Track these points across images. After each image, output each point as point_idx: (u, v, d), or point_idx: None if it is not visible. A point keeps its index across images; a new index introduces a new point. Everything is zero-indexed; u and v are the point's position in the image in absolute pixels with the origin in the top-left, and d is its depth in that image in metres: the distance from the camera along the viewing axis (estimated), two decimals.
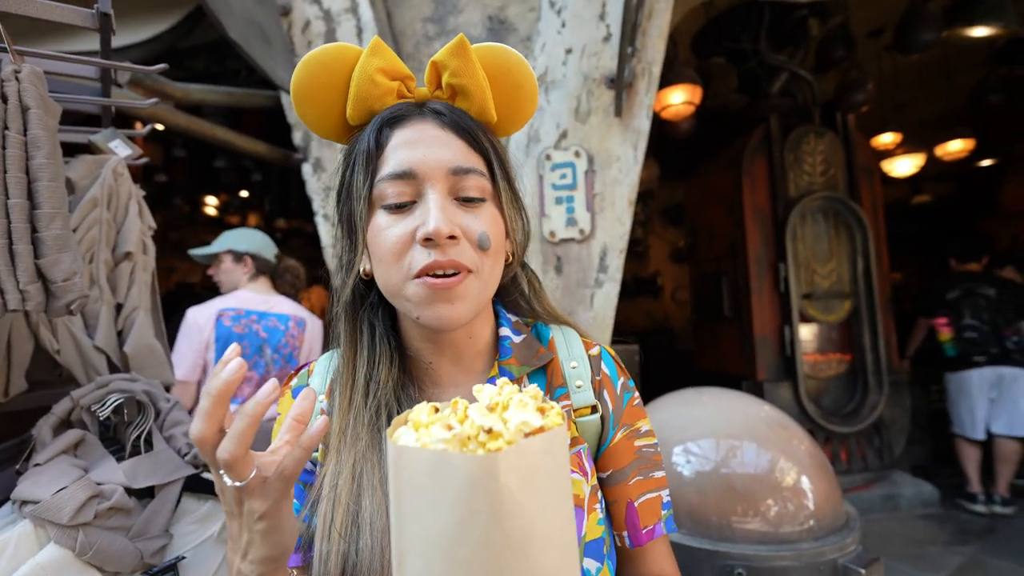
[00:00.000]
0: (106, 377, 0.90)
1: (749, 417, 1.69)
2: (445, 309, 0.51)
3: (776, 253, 3.72)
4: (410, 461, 0.33)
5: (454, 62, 0.54)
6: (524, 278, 0.67)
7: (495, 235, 0.54)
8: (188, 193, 6.21)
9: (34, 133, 0.74)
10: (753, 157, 3.79)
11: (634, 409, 0.63)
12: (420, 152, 0.52)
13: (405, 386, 0.57)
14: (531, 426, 0.34)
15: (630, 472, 0.60)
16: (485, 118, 0.58)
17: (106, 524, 0.74)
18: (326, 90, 0.56)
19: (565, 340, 0.65)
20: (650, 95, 2.12)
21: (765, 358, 3.68)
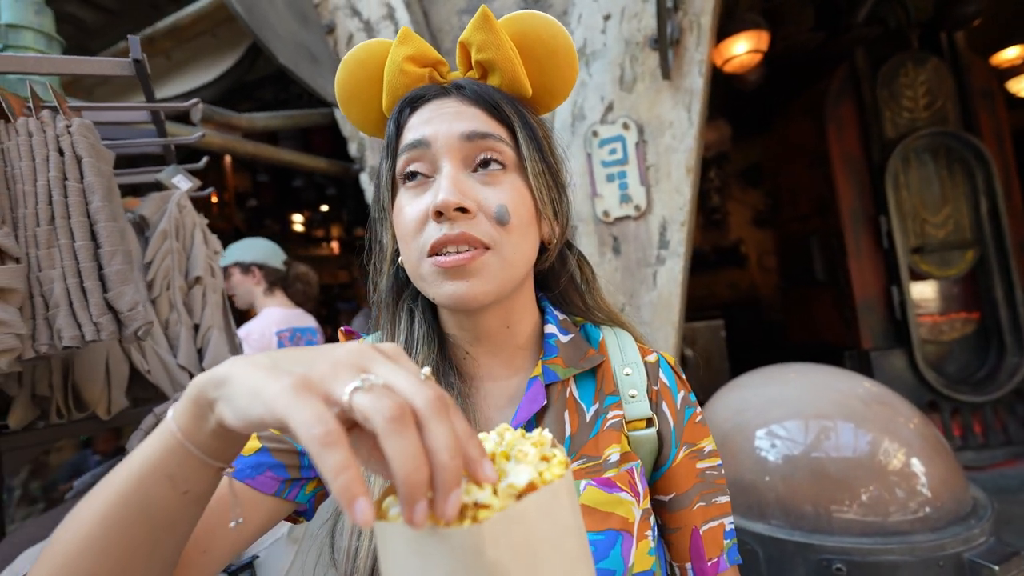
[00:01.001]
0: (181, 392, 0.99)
1: (842, 394, 1.50)
2: (457, 286, 0.47)
3: (875, 205, 3.29)
4: (393, 539, 0.29)
5: (478, 36, 0.51)
6: (573, 264, 0.61)
7: (517, 208, 0.49)
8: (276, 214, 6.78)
9: (89, 180, 0.82)
10: (838, 100, 3.37)
11: (696, 426, 0.57)
12: (435, 124, 0.50)
13: (446, 372, 0.54)
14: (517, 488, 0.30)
15: (693, 496, 0.54)
16: (519, 91, 0.54)
17: None
18: (365, 87, 0.55)
19: (619, 343, 0.59)
20: (701, 50, 1.94)
21: (870, 324, 3.29)
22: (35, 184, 0.78)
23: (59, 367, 1.04)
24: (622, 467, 0.51)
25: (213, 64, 2.97)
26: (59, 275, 0.79)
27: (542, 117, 0.60)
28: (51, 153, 0.79)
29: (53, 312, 0.78)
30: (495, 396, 0.55)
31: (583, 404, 0.54)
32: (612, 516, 0.47)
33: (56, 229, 0.79)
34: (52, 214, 0.79)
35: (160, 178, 1.24)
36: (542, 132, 0.55)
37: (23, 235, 0.78)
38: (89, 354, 1.07)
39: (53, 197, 0.78)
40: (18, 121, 0.78)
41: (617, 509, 0.48)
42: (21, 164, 0.77)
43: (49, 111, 0.81)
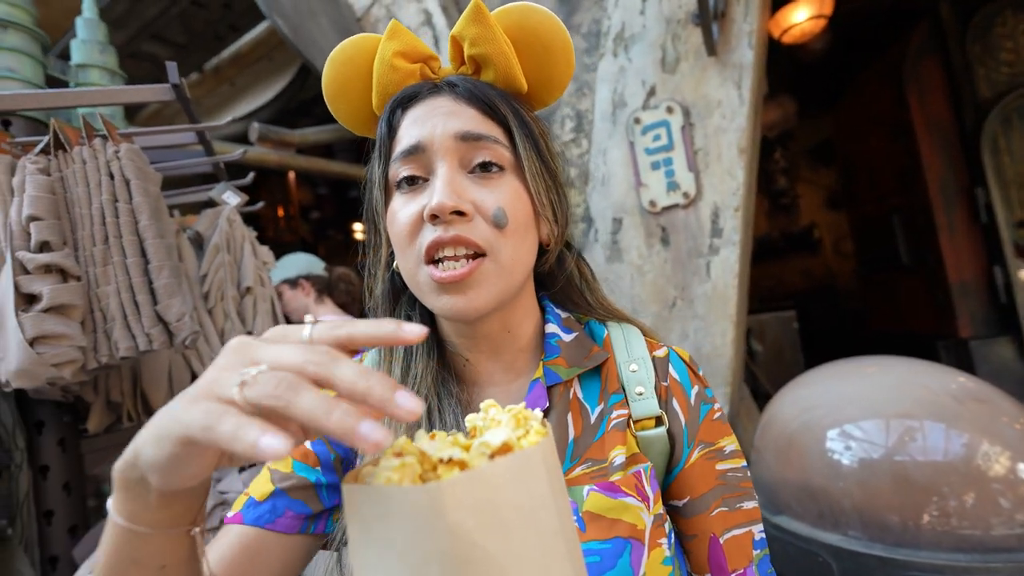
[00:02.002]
0: None
1: (930, 391, 1.33)
2: (457, 300, 0.46)
3: (969, 176, 2.92)
4: (357, 502, 0.27)
5: (472, 30, 0.49)
6: (572, 266, 0.59)
7: (515, 211, 0.47)
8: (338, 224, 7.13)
9: (137, 200, 0.88)
10: (918, 61, 3.02)
11: (714, 424, 0.52)
12: (429, 125, 0.48)
13: (445, 381, 0.53)
14: (491, 446, 0.28)
15: (712, 501, 0.50)
16: (514, 87, 0.52)
17: None
18: (353, 84, 0.54)
19: (624, 338, 0.56)
20: (751, 20, 1.80)
21: (968, 310, 2.92)
22: (90, 207, 0.84)
23: (128, 375, 1.14)
24: (629, 470, 0.48)
25: (270, 85, 3.16)
26: (114, 290, 0.85)
27: (538, 112, 0.57)
28: (103, 177, 0.85)
29: (110, 325, 0.85)
30: (499, 401, 0.52)
31: (587, 405, 0.51)
32: (619, 523, 0.45)
33: (110, 248, 0.85)
34: (106, 234, 0.85)
35: (212, 195, 1.31)
36: (538, 130, 0.53)
37: (82, 255, 0.84)
38: (154, 362, 1.16)
39: (106, 218, 0.85)
40: (74, 150, 0.85)
41: (624, 515, 0.45)
42: (77, 189, 0.84)
43: (100, 139, 0.88)
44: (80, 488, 1.08)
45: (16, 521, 0.97)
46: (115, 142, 0.87)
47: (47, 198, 0.79)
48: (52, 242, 0.79)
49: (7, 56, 1.02)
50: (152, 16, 2.99)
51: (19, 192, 0.78)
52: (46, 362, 0.75)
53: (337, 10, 2.55)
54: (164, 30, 3.25)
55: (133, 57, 3.12)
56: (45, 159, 0.83)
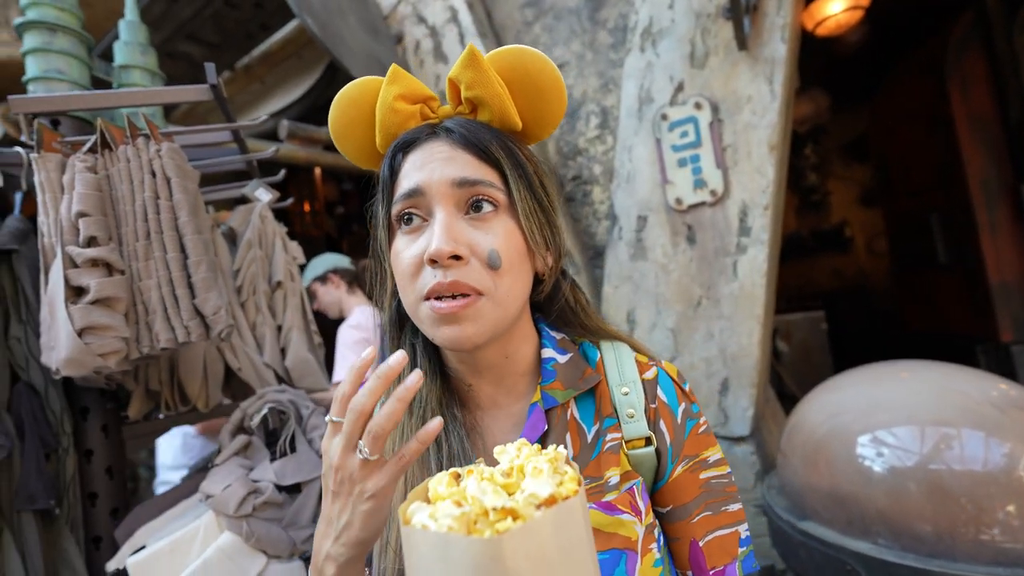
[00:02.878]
0: (264, 390, 1.08)
1: (969, 398, 1.29)
2: (454, 331, 0.49)
3: (1015, 172, 2.79)
4: (418, 543, 0.32)
5: (467, 74, 0.53)
6: (568, 293, 0.62)
7: (508, 250, 0.51)
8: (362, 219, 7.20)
9: (177, 198, 0.91)
10: (962, 52, 2.89)
11: (699, 438, 0.56)
12: (427, 171, 0.51)
13: (450, 405, 0.57)
14: (540, 498, 0.32)
15: (694, 508, 0.55)
16: (508, 126, 0.55)
17: (263, 515, 0.89)
18: (357, 124, 0.58)
19: (616, 361, 0.59)
20: (784, 13, 1.75)
21: (1011, 311, 2.80)
22: (133, 204, 0.88)
23: (166, 365, 1.18)
24: (623, 487, 0.52)
25: (299, 83, 3.22)
26: (155, 284, 0.88)
27: (535, 146, 0.61)
28: (145, 175, 0.88)
29: (151, 317, 0.88)
30: (500, 423, 0.58)
31: (584, 425, 0.55)
32: (615, 536, 0.49)
33: (151, 243, 0.88)
34: (148, 230, 0.88)
35: (245, 192, 1.35)
36: (532, 167, 0.55)
37: (125, 250, 0.88)
38: (190, 354, 1.20)
39: (148, 215, 0.88)
40: (118, 149, 0.89)
41: (619, 530, 0.50)
42: (122, 187, 0.87)
43: (143, 138, 0.91)
44: (121, 472, 1.13)
45: (63, 502, 1.03)
46: (157, 141, 0.91)
47: (95, 195, 0.83)
48: (99, 237, 0.83)
49: (56, 58, 1.07)
50: (187, 17, 3.08)
51: (69, 189, 0.82)
52: (93, 352, 0.79)
53: (365, 8, 2.58)
54: (198, 30, 3.34)
55: (169, 57, 3.21)
56: (92, 157, 0.86)
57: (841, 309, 5.04)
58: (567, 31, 2.39)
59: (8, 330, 0.97)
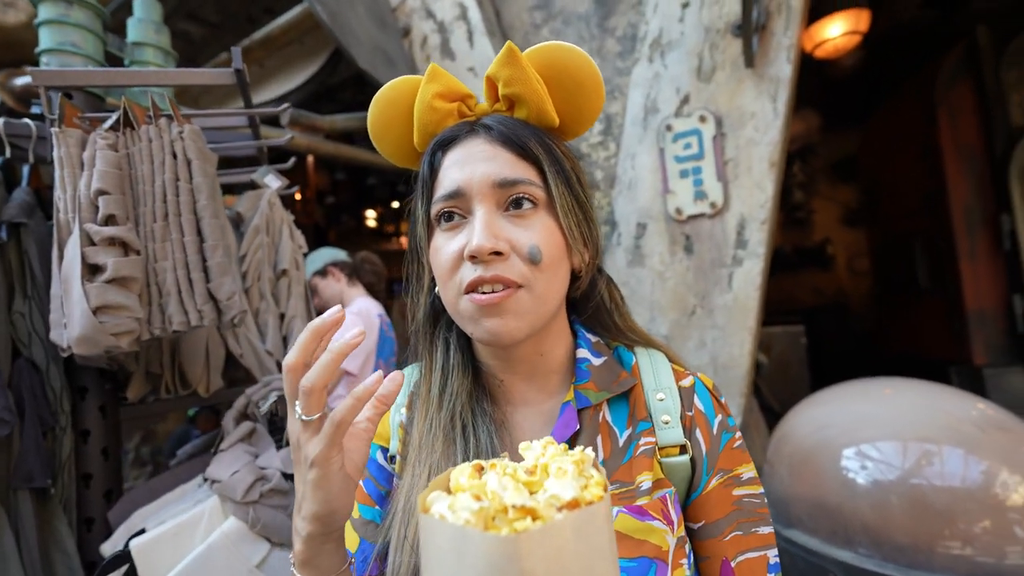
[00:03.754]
0: (269, 377, 1.07)
1: (950, 416, 1.34)
2: (494, 323, 0.50)
3: (996, 202, 2.90)
4: (435, 533, 0.31)
5: (505, 71, 0.53)
6: (603, 290, 0.62)
7: (548, 246, 0.51)
8: (352, 210, 7.16)
9: (197, 181, 0.90)
10: (952, 83, 3.00)
11: (734, 452, 0.55)
12: (467, 170, 0.52)
13: (479, 399, 0.57)
14: (562, 500, 0.31)
15: (726, 526, 0.53)
16: (545, 122, 0.55)
17: (269, 502, 0.88)
18: (396, 123, 0.58)
19: (652, 366, 0.59)
20: (790, 34, 1.80)
21: (984, 337, 2.91)
22: (153, 185, 0.87)
23: (168, 348, 1.17)
24: (655, 494, 0.51)
25: (300, 70, 3.18)
26: (170, 266, 0.87)
27: (570, 143, 0.60)
28: (166, 156, 0.88)
29: (165, 299, 0.87)
30: (530, 420, 0.57)
31: (616, 429, 0.55)
32: (645, 544, 0.48)
33: (169, 225, 0.87)
34: (166, 211, 0.88)
35: (254, 178, 1.34)
36: (570, 164, 0.56)
37: (142, 230, 0.87)
38: (192, 338, 1.19)
39: (167, 196, 0.87)
40: (140, 129, 0.88)
41: (650, 537, 0.48)
42: (142, 167, 0.86)
43: (166, 119, 0.90)
44: (117, 454, 1.11)
45: (58, 481, 1.01)
46: (179, 122, 0.90)
47: (115, 173, 0.82)
48: (117, 216, 0.82)
49: (72, 31, 1.05)
50: None
51: (89, 166, 0.81)
52: (107, 331, 0.78)
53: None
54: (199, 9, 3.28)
55: (171, 35, 3.15)
56: (114, 135, 0.85)
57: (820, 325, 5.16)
58: (575, 36, 2.41)
59: (12, 305, 0.95)
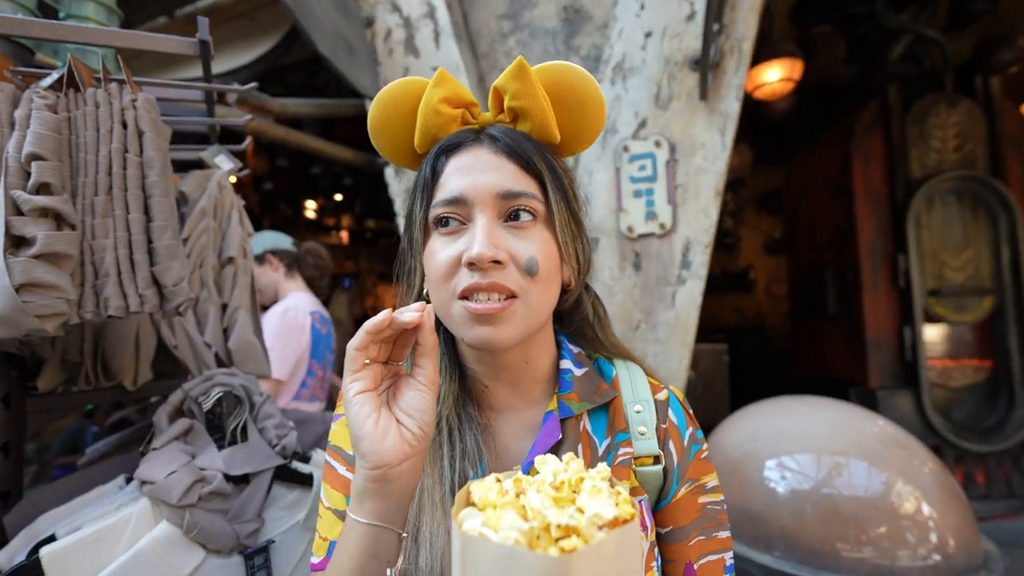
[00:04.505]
0: (211, 371, 1.00)
1: (858, 432, 1.50)
2: (487, 331, 0.50)
3: (895, 243, 3.28)
4: (478, 552, 0.31)
5: (513, 85, 0.54)
6: (588, 305, 0.65)
7: (545, 259, 0.52)
8: (290, 199, 6.80)
9: (148, 154, 0.83)
10: (866, 134, 3.36)
11: (701, 463, 0.59)
12: (471, 178, 0.52)
13: (465, 404, 0.57)
14: (605, 519, 0.32)
15: (691, 531, 0.57)
16: (547, 138, 0.57)
17: (208, 506, 0.82)
18: (397, 123, 0.58)
19: (631, 379, 0.62)
20: (740, 75, 1.95)
21: (880, 363, 3.27)
22: (97, 154, 0.79)
23: (91, 335, 1.05)
24: None
25: (249, 47, 2.99)
26: (111, 245, 0.79)
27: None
28: (115, 125, 0.80)
29: (102, 281, 0.79)
30: (513, 426, 0.59)
31: (595, 438, 0.57)
32: None
33: (113, 200, 0.80)
34: (110, 185, 0.80)
35: (203, 156, 1.25)
36: (568, 180, 0.58)
37: (80, 203, 0.78)
38: (120, 325, 1.08)
39: (113, 169, 0.79)
40: (87, 92, 0.79)
41: None
42: (86, 134, 0.78)
43: (116, 84, 0.82)
44: (19, 450, 0.98)
45: None
46: (133, 90, 0.82)
47: (53, 137, 0.73)
48: (52, 185, 0.73)
49: None
50: None
51: (21, 127, 0.72)
52: (31, 312, 0.69)
53: None
54: None
55: None
56: (54, 95, 0.76)
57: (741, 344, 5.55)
58: (541, 50, 2.46)
59: None
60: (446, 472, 0.53)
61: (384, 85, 0.61)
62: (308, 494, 0.95)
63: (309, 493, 0.95)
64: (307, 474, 0.96)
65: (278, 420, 0.97)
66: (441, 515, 0.51)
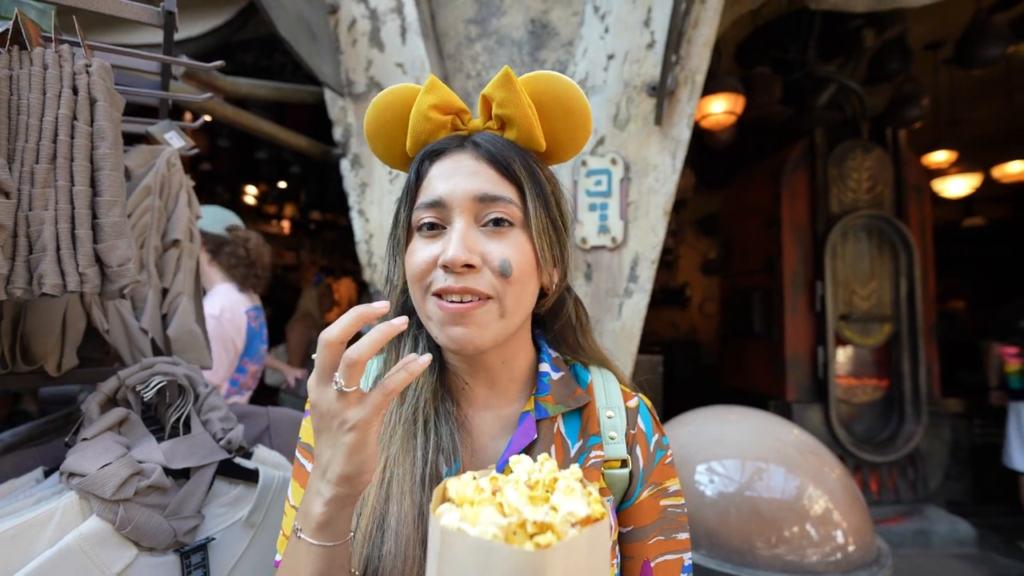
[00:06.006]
0: (151, 359, 0.94)
1: (778, 440, 1.64)
2: (459, 332, 0.52)
3: (814, 271, 3.60)
4: (455, 546, 0.33)
5: (500, 93, 0.56)
6: (571, 309, 0.67)
7: (519, 262, 0.54)
8: (230, 182, 6.42)
9: (100, 124, 0.78)
10: (794, 171, 3.68)
11: (665, 468, 0.62)
12: (451, 183, 0.54)
13: (443, 399, 0.59)
14: (578, 516, 0.34)
15: (651, 531, 0.59)
16: (532, 145, 0.58)
17: (144, 501, 0.77)
18: (391, 127, 0.60)
19: (604, 386, 0.64)
20: (692, 104, 2.08)
21: (796, 379, 3.57)
22: (41, 119, 0.73)
23: (10, 313, 0.96)
24: None
25: (200, 18, 2.82)
26: (51, 218, 0.73)
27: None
28: (64, 90, 0.74)
29: (37, 256, 0.73)
30: (489, 424, 0.60)
31: (568, 440, 0.59)
32: None
33: (57, 169, 0.74)
34: (55, 153, 0.74)
35: (152, 131, 1.17)
36: (550, 188, 0.60)
37: (18, 169, 0.72)
38: (46, 305, 0.99)
39: (59, 136, 0.74)
40: (34, 50, 0.73)
41: None
42: (30, 96, 0.72)
43: (69, 46, 0.76)
44: None
45: None
46: (88, 53, 0.76)
47: None
48: None
49: None
50: None
51: None
52: None
53: None
54: None
55: None
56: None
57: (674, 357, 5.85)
58: (507, 58, 2.51)
59: None
60: (418, 463, 0.54)
61: (346, 75, 0.62)
62: (252, 491, 0.92)
63: (253, 490, 0.91)
64: (252, 470, 0.92)
65: (224, 413, 0.93)
66: (409, 504, 0.52)
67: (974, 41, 3.16)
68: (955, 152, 4.46)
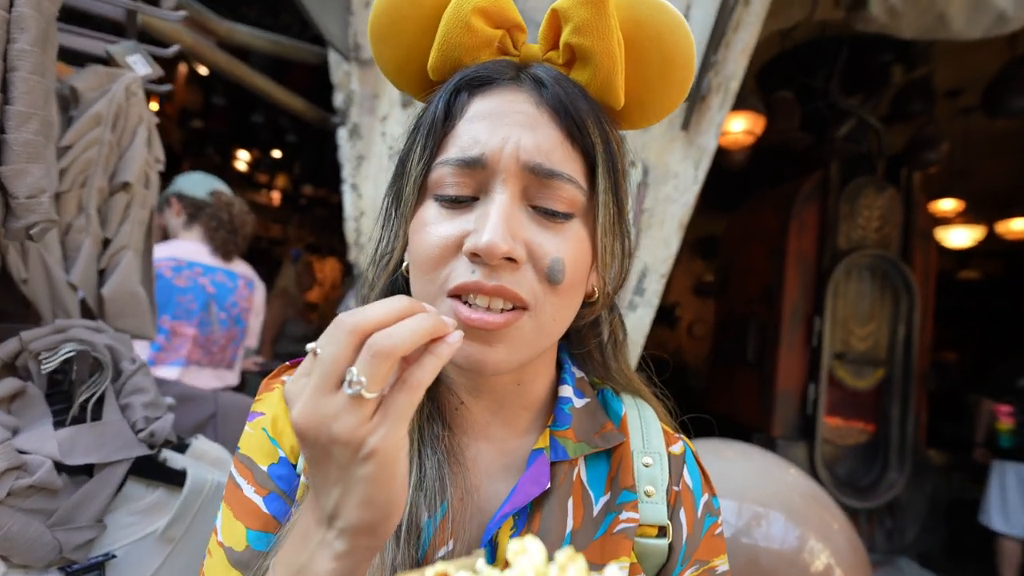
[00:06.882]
0: (66, 322, 0.76)
1: (779, 483, 1.50)
2: (479, 351, 0.37)
3: (814, 306, 3.51)
4: None
5: (581, 12, 0.38)
6: (607, 324, 0.51)
7: (574, 266, 0.39)
8: (222, 144, 6.17)
9: (21, 12, 0.60)
10: (806, 202, 3.58)
11: (714, 540, 0.48)
12: (500, 133, 0.38)
13: (432, 419, 0.43)
14: None
15: None
16: (608, 100, 0.42)
17: (22, 504, 0.59)
18: (410, 29, 0.42)
19: (641, 423, 0.49)
20: (722, 113, 1.95)
21: (784, 414, 3.46)
22: None
23: None
24: None
25: None
26: None
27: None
28: None
29: None
30: (487, 460, 0.45)
31: (591, 492, 0.44)
32: None
33: None
34: None
35: (112, 50, 0.99)
36: (622, 165, 0.44)
37: None
38: None
39: None
40: None
41: None
42: None
43: None
44: None
45: None
46: None
47: None
48: None
49: None
50: None
51: None
52: None
53: None
54: None
55: None
56: None
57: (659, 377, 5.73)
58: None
59: None
60: None
61: (354, 39, 0.44)
62: (175, 496, 0.74)
63: (177, 495, 0.74)
64: (179, 471, 0.75)
65: (151, 398, 0.76)
66: (378, 563, 0.36)
67: (1005, 90, 3.09)
68: (962, 202, 4.43)
